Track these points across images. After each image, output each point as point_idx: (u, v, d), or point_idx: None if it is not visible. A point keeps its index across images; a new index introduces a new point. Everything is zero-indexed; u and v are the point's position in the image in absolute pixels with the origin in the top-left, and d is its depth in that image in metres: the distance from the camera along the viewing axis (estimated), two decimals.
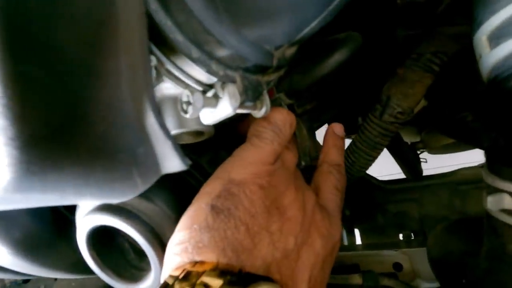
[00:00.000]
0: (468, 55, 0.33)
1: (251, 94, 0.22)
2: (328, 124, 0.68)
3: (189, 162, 0.19)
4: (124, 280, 0.31)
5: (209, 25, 0.19)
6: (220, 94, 0.22)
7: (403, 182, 0.76)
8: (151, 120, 0.16)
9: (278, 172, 0.28)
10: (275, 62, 0.22)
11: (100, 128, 0.14)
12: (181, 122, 0.26)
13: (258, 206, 0.25)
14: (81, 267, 0.38)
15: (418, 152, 0.79)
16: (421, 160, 0.72)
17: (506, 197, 0.24)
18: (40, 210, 0.33)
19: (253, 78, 0.22)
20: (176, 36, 0.18)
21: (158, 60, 0.21)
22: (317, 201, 0.31)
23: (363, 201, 0.77)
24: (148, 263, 0.32)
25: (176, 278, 0.21)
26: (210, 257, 0.22)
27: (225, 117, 0.23)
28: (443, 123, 0.55)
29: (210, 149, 0.36)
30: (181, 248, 0.23)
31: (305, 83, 0.31)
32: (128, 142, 0.15)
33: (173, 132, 0.27)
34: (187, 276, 0.21)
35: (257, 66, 0.22)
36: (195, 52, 0.20)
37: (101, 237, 0.31)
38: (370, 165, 0.52)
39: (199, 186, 0.32)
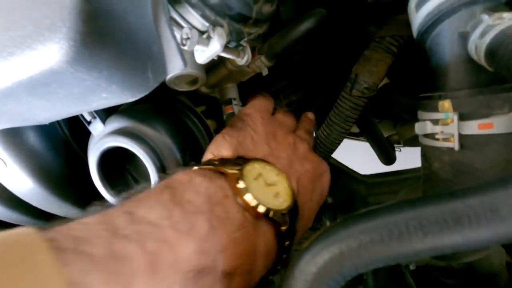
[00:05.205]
0: None
1: (235, 36, 0.30)
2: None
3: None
4: None
5: None
6: (211, 35, 0.29)
7: (384, 176, 0.83)
8: (163, 24, 0.24)
9: (275, 119, 0.40)
10: (254, 14, 0.30)
11: (130, 24, 0.21)
12: None
13: (260, 128, 0.37)
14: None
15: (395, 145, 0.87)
16: (396, 149, 0.80)
17: (428, 123, 0.31)
18: (59, 148, 0.40)
19: (237, 26, 0.30)
20: None
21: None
22: (309, 147, 0.41)
23: (347, 195, 0.84)
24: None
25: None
26: (227, 153, 0.33)
27: (214, 55, 0.30)
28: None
29: (203, 103, 0.44)
30: (208, 151, 0.34)
31: (281, 46, 0.38)
32: (147, 39, 0.22)
33: (173, 74, 0.35)
34: (208, 162, 0.32)
35: (240, 15, 0.30)
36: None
37: (108, 167, 0.38)
38: (343, 138, 0.59)
39: (193, 126, 0.39)
